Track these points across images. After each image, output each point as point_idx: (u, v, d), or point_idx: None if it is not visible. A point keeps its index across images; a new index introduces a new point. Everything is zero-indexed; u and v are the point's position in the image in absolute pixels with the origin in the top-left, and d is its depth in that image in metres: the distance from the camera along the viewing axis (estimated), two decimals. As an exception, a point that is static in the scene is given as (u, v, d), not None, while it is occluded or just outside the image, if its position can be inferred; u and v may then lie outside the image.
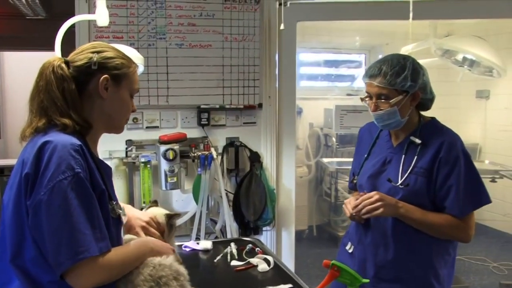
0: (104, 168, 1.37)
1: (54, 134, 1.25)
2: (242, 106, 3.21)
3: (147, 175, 2.99)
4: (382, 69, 1.74)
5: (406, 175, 1.77)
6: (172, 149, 2.93)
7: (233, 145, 3.22)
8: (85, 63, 1.33)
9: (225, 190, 3.14)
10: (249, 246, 2.18)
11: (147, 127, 3.10)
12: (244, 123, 3.27)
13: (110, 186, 1.36)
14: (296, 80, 3.38)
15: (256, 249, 2.15)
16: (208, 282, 1.88)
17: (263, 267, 1.94)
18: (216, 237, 3.13)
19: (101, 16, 2.21)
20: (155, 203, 1.78)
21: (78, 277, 1.18)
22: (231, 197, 3.20)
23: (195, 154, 3.06)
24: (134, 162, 3.00)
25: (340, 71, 5.86)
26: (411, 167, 1.77)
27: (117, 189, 1.43)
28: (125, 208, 1.48)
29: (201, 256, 2.16)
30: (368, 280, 1.52)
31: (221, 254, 2.11)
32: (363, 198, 1.75)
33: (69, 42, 2.42)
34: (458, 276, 4.06)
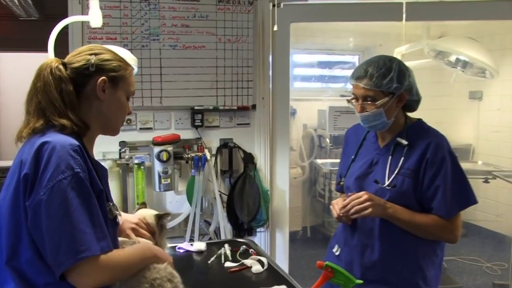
0: (101, 170, 1.37)
1: (53, 135, 1.25)
2: (236, 107, 3.21)
3: (141, 177, 2.98)
4: (368, 71, 1.74)
5: (393, 176, 1.77)
6: (166, 151, 2.92)
7: (227, 146, 3.21)
8: (83, 65, 1.33)
9: (219, 192, 3.14)
10: (243, 247, 2.18)
11: (141, 129, 3.09)
12: (238, 124, 3.26)
13: (107, 188, 1.37)
14: (290, 81, 3.38)
15: (250, 250, 2.16)
16: (202, 284, 1.88)
17: (257, 268, 1.95)
18: (210, 239, 3.13)
19: (95, 17, 2.21)
20: (144, 205, 1.78)
21: (80, 276, 1.18)
22: (225, 198, 3.20)
23: (189, 156, 3.05)
24: (128, 164, 2.99)
25: (334, 72, 5.88)
26: (398, 168, 1.77)
27: (111, 191, 1.43)
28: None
29: (195, 258, 2.17)
30: (362, 281, 1.51)
31: (215, 256, 2.12)
32: (352, 198, 1.74)
33: (62, 43, 2.42)
34: (451, 277, 4.08)
